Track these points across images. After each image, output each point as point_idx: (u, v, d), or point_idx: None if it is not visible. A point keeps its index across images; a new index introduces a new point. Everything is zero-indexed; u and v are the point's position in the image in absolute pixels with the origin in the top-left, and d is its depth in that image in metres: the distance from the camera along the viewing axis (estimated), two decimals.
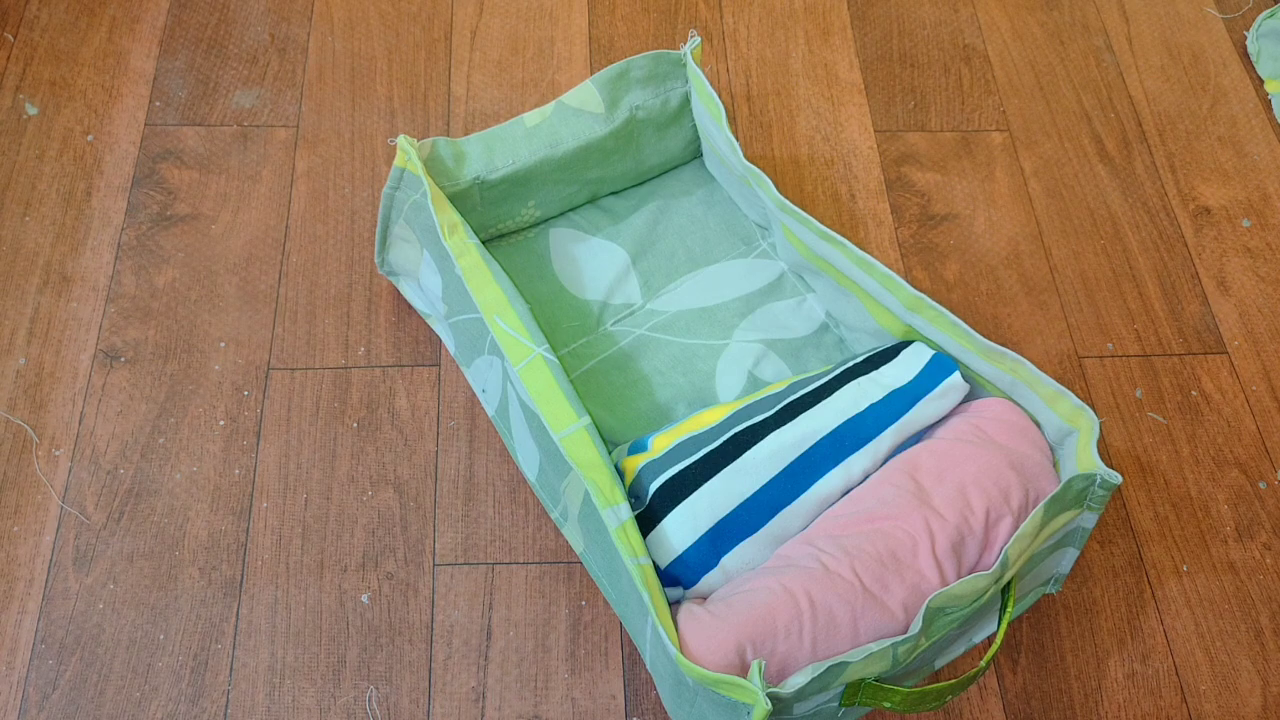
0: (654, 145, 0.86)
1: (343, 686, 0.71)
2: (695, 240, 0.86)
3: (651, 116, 0.83)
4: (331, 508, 0.77)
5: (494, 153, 0.79)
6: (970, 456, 0.63)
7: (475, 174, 0.78)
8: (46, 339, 0.83)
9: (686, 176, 0.90)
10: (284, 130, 0.94)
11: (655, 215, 0.87)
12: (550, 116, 0.80)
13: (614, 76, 0.80)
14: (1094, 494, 0.61)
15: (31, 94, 0.95)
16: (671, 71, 0.82)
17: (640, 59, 0.81)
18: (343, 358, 0.83)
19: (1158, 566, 0.78)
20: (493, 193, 0.80)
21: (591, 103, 0.81)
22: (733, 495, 0.64)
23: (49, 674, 0.70)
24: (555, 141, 0.80)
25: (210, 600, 0.73)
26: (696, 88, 0.81)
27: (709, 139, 0.84)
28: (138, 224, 0.89)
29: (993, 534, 0.61)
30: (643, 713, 0.71)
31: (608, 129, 0.81)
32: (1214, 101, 1.02)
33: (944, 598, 0.55)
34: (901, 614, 0.58)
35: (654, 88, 0.82)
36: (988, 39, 1.05)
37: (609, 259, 0.85)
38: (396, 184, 0.77)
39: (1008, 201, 0.95)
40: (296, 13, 1.02)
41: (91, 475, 0.77)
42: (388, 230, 0.80)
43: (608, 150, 0.82)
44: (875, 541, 0.60)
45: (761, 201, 0.79)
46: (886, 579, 0.58)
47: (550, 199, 0.84)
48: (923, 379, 0.69)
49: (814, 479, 0.65)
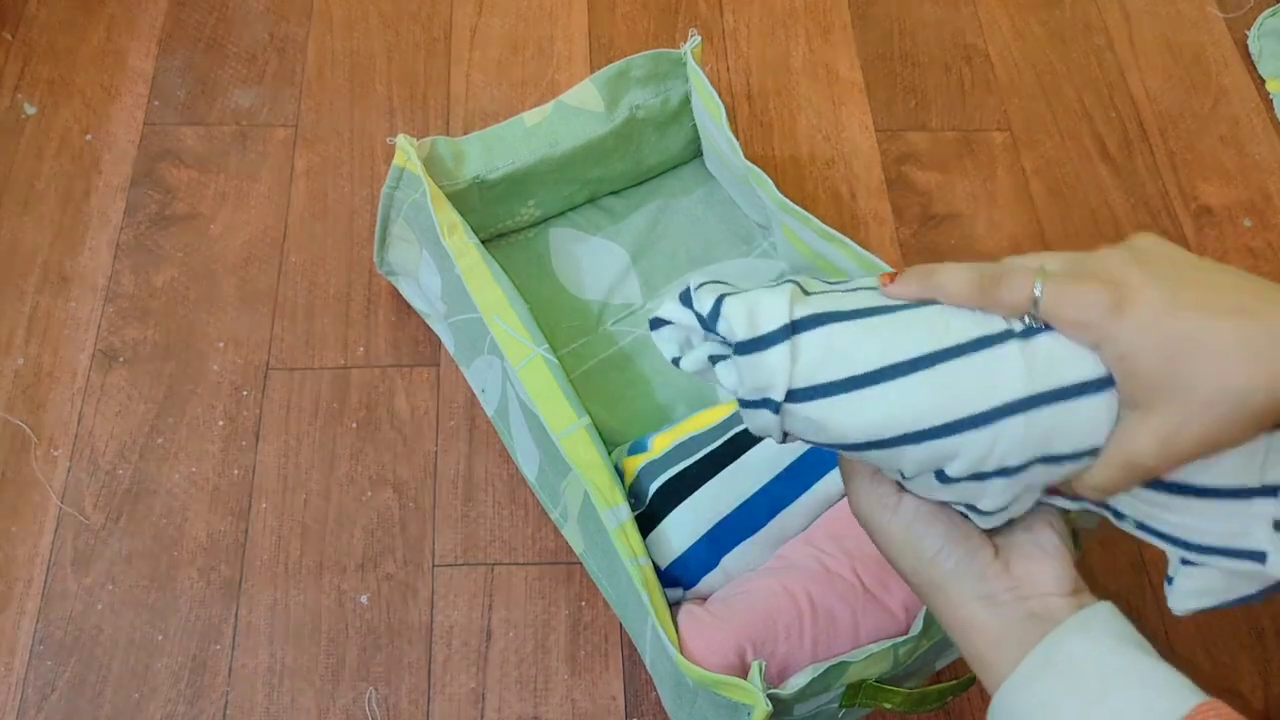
0: (654, 144, 0.85)
1: (342, 687, 0.71)
2: (695, 240, 0.86)
3: (651, 116, 0.83)
4: (330, 508, 0.77)
5: (493, 152, 0.79)
6: None
7: (475, 173, 0.78)
8: (45, 339, 0.83)
9: (687, 176, 0.90)
10: (283, 129, 0.94)
11: (655, 215, 0.87)
12: (550, 116, 0.80)
13: (613, 76, 0.80)
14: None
15: (30, 93, 0.95)
16: (672, 70, 0.82)
17: (640, 58, 0.80)
18: (342, 358, 0.83)
19: (1158, 566, 0.78)
20: (492, 192, 0.80)
21: (591, 102, 0.80)
22: (733, 496, 0.64)
23: (47, 675, 0.70)
24: (555, 141, 0.80)
25: (209, 601, 0.73)
26: (697, 87, 0.81)
27: (709, 138, 0.84)
28: (136, 223, 0.88)
29: None
30: (642, 714, 0.71)
31: (608, 128, 0.81)
32: (1215, 101, 1.02)
33: None
34: (903, 615, 0.58)
35: (654, 87, 0.82)
36: (989, 38, 1.05)
37: (609, 259, 0.85)
38: (396, 183, 0.76)
39: (1009, 201, 0.94)
40: (295, 12, 1.02)
41: (90, 475, 0.77)
42: (387, 230, 0.80)
43: (607, 149, 0.82)
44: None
45: (762, 201, 0.79)
46: (887, 580, 0.58)
47: (550, 198, 0.84)
48: None
49: (815, 479, 0.65)
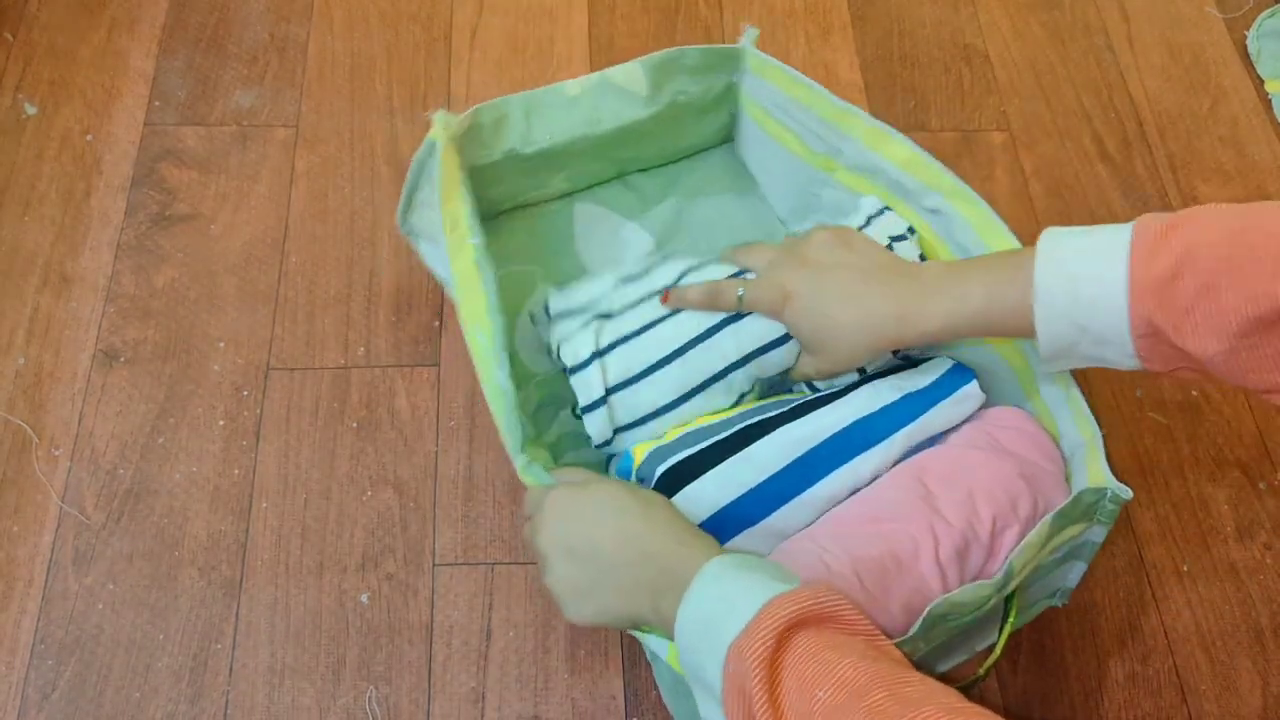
0: (690, 129, 0.86)
1: (342, 687, 0.71)
2: (720, 231, 0.86)
3: (693, 101, 0.82)
4: (331, 508, 0.77)
5: (533, 120, 0.78)
6: (980, 463, 0.63)
7: (510, 145, 0.78)
8: (46, 339, 0.83)
9: (715, 163, 0.90)
10: (283, 130, 0.94)
11: (683, 203, 0.87)
12: (591, 89, 0.79)
13: (663, 61, 0.79)
14: (1104, 508, 0.60)
15: (31, 93, 0.95)
16: (721, 64, 0.81)
17: (695, 50, 0.79)
18: (342, 358, 0.83)
19: (1158, 567, 0.78)
20: (526, 165, 0.80)
21: (636, 84, 0.79)
22: (736, 484, 0.64)
23: (48, 674, 0.70)
24: (595, 120, 0.79)
25: (210, 600, 0.73)
26: (772, 76, 0.79)
27: (789, 124, 0.81)
28: (137, 224, 0.89)
29: (998, 542, 0.60)
30: (642, 713, 0.71)
31: (647, 112, 0.80)
32: (1214, 101, 1.02)
33: (946, 604, 0.55)
34: (902, 617, 0.57)
35: (701, 77, 0.81)
36: (988, 38, 1.05)
37: (634, 243, 0.85)
38: (428, 153, 0.75)
39: (1008, 201, 0.94)
40: (296, 12, 1.02)
41: (91, 475, 0.77)
42: (414, 194, 0.79)
43: (644, 132, 0.82)
44: (878, 544, 0.59)
45: (816, 192, 0.79)
46: (888, 581, 0.58)
47: (580, 173, 0.85)
48: (939, 385, 0.68)
49: (820, 476, 0.65)
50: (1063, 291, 0.54)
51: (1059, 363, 0.57)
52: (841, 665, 0.44)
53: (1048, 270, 0.54)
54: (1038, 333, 0.55)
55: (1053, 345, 0.55)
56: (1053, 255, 0.55)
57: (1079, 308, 0.53)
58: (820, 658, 0.45)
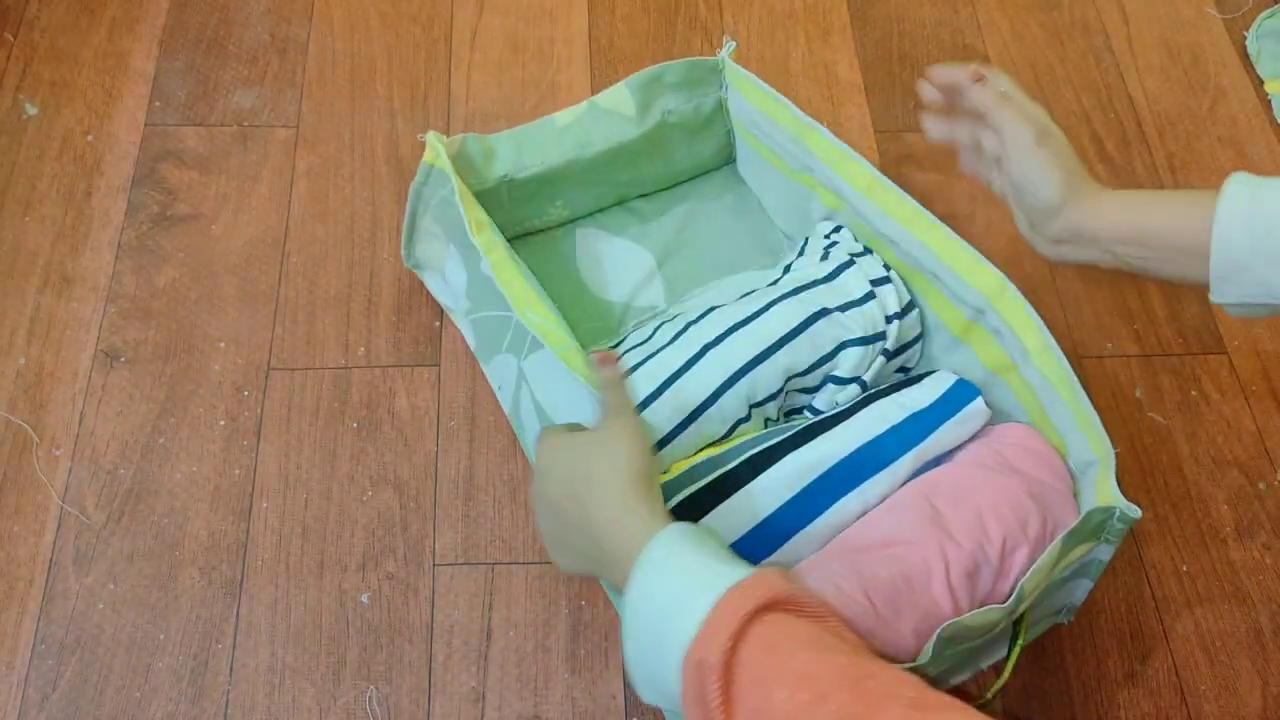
0: (685, 150, 0.85)
1: (342, 686, 0.71)
2: (722, 248, 0.86)
3: (683, 121, 0.82)
4: (331, 508, 0.77)
5: (523, 151, 0.78)
6: (989, 483, 0.62)
7: (503, 172, 0.78)
8: (46, 339, 0.83)
9: (717, 182, 0.90)
10: (284, 130, 0.94)
11: (684, 220, 0.87)
12: (582, 117, 0.80)
13: (647, 80, 0.80)
14: (1112, 527, 0.60)
15: (31, 94, 0.95)
16: (705, 78, 0.81)
17: (675, 64, 0.80)
18: (343, 358, 0.83)
19: (1158, 567, 0.78)
20: (521, 191, 0.80)
21: (623, 105, 0.80)
22: (747, 519, 0.63)
23: (49, 674, 0.70)
24: (585, 142, 0.79)
25: (210, 600, 0.73)
26: (744, 88, 0.79)
27: (755, 140, 0.82)
28: (138, 224, 0.89)
29: (1009, 563, 0.60)
30: (643, 713, 0.71)
31: (637, 132, 0.80)
32: (1214, 102, 1.02)
33: (956, 628, 0.54)
34: (913, 640, 0.57)
35: (687, 93, 0.81)
36: (987, 39, 1.05)
37: (635, 260, 0.85)
38: (425, 179, 0.76)
39: None
40: (296, 13, 1.02)
41: (91, 475, 0.77)
42: (415, 224, 0.79)
43: (637, 152, 0.82)
44: (889, 566, 0.58)
45: (805, 205, 0.78)
46: (899, 604, 0.57)
47: (578, 199, 0.84)
48: (944, 403, 0.67)
49: (830, 503, 0.64)
50: (1248, 198, 0.54)
51: (1226, 288, 0.56)
52: (799, 659, 0.43)
53: (1238, 182, 0.55)
54: (1213, 239, 0.55)
55: (1225, 258, 0.55)
56: (1244, 178, 0.56)
57: (1260, 210, 0.54)
58: (778, 650, 0.44)
